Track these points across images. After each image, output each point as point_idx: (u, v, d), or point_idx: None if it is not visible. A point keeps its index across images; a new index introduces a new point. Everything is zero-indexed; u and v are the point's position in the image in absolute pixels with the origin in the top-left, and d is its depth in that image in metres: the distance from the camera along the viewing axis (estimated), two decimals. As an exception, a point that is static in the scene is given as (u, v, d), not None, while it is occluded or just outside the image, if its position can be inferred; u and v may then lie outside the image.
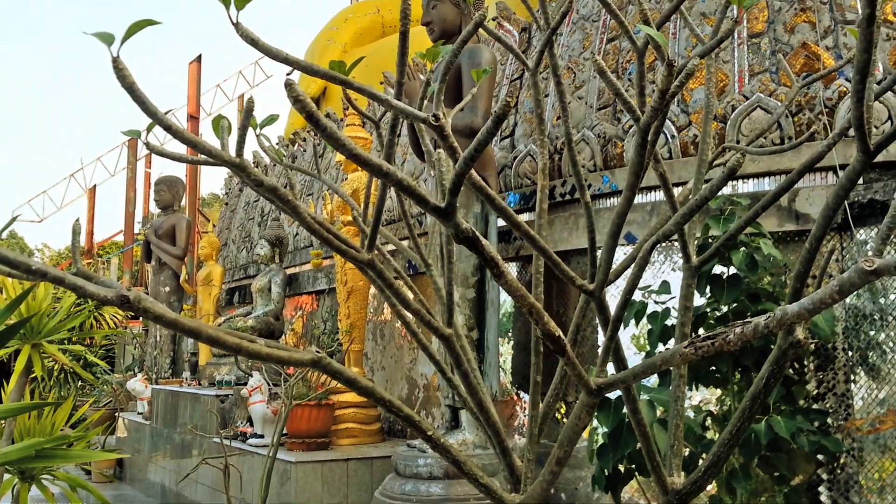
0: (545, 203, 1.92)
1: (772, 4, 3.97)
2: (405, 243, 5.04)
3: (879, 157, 2.91)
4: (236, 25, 1.44)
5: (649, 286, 3.02)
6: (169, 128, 1.25)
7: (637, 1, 1.64)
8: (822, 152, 1.83)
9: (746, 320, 1.06)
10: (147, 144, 1.53)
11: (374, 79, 8.33)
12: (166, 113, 1.70)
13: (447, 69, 1.91)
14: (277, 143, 9.22)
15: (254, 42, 1.45)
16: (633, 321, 2.96)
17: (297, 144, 8.59)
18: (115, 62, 1.17)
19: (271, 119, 2.17)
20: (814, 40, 3.69)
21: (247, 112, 1.33)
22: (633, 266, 1.51)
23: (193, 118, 13.07)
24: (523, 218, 4.38)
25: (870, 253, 1.67)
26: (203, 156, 1.43)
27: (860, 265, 0.94)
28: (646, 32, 1.23)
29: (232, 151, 1.47)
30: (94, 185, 18.36)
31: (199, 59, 13.45)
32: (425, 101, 2.03)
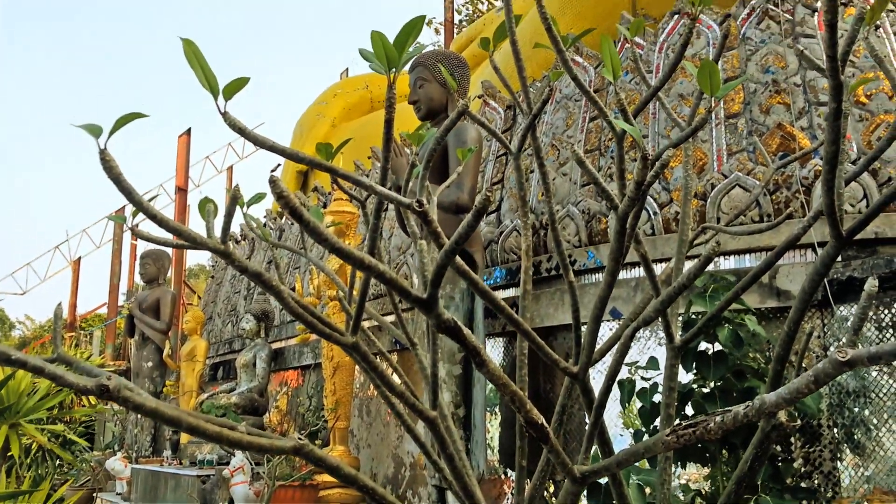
0: (529, 284, 1.94)
1: (747, 86, 4.09)
2: (390, 318, 5.03)
3: (858, 235, 2.97)
4: (224, 115, 1.48)
5: (636, 362, 3.02)
6: (154, 217, 1.26)
7: (615, 90, 1.69)
8: (798, 234, 1.87)
9: (726, 409, 1.07)
10: (133, 230, 1.55)
11: (363, 153, 8.45)
12: (151, 200, 1.72)
13: (432, 153, 1.95)
14: (265, 216, 9.27)
15: (241, 131, 1.48)
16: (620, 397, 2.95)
17: (285, 217, 8.64)
18: (103, 154, 1.19)
19: (258, 197, 2.20)
20: (789, 121, 3.79)
21: (232, 200, 1.35)
22: (615, 350, 1.52)
23: (182, 190, 13.16)
24: (509, 293, 4.39)
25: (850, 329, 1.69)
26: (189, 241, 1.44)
27: (834, 356, 0.95)
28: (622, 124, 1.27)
29: (218, 232, 1.48)
30: (79, 258, 18.32)
31: (188, 132, 13.63)
32: (412, 180, 2.06)
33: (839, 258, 3.14)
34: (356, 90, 13.23)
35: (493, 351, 4.44)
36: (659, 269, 3.70)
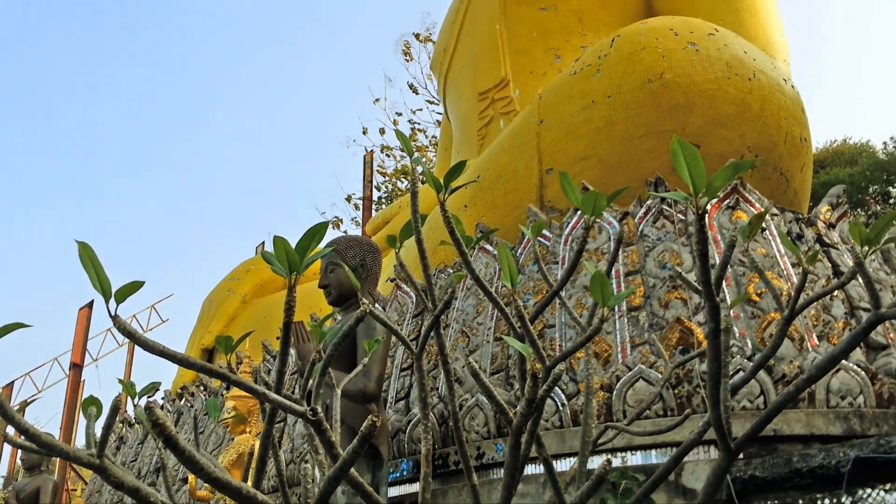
0: (428, 492, 1.87)
1: (647, 280, 4.29)
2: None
3: (759, 433, 3.03)
4: (114, 318, 1.44)
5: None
6: (26, 431, 1.18)
7: (513, 300, 1.73)
8: (695, 439, 1.89)
9: None
10: (6, 439, 1.44)
11: (272, 332, 8.33)
12: (30, 400, 1.61)
13: (334, 350, 1.92)
14: (164, 398, 8.86)
15: (131, 335, 1.44)
16: None
17: (184, 399, 8.28)
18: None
19: (152, 387, 2.11)
20: (686, 316, 3.96)
21: (112, 411, 1.28)
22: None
23: (77, 366, 12.54)
24: (416, 487, 4.24)
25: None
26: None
27: None
28: (517, 344, 1.29)
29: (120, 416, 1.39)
30: (-42, 438, 16.92)
31: (90, 304, 13.21)
32: (312, 377, 2.01)
33: (741, 455, 3.17)
34: (269, 266, 13.23)
35: (399, 550, 4.21)
36: (567, 463, 3.66)
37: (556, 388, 3.94)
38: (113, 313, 1.42)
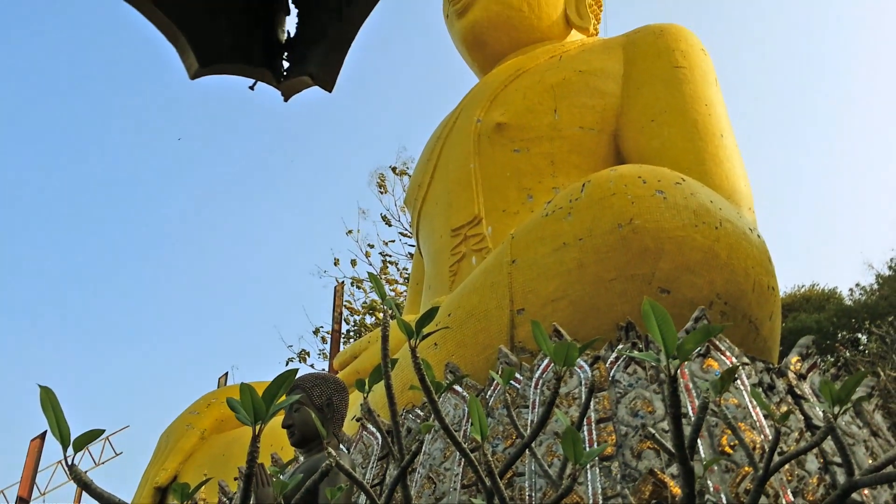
0: None
1: (619, 428, 4.22)
2: None
3: None
4: (71, 467, 1.40)
5: None
6: None
7: (482, 449, 1.69)
8: None
9: None
10: None
11: (230, 472, 8.00)
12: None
13: (301, 499, 1.84)
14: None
15: (86, 486, 1.39)
16: None
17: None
18: None
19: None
20: (660, 467, 3.88)
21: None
22: None
23: (23, 501, 11.88)
24: None
25: None
26: None
27: None
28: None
29: None
30: None
31: (42, 435, 12.67)
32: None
33: None
34: (233, 400, 12.85)
35: None
36: None
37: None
38: (70, 462, 1.37)
